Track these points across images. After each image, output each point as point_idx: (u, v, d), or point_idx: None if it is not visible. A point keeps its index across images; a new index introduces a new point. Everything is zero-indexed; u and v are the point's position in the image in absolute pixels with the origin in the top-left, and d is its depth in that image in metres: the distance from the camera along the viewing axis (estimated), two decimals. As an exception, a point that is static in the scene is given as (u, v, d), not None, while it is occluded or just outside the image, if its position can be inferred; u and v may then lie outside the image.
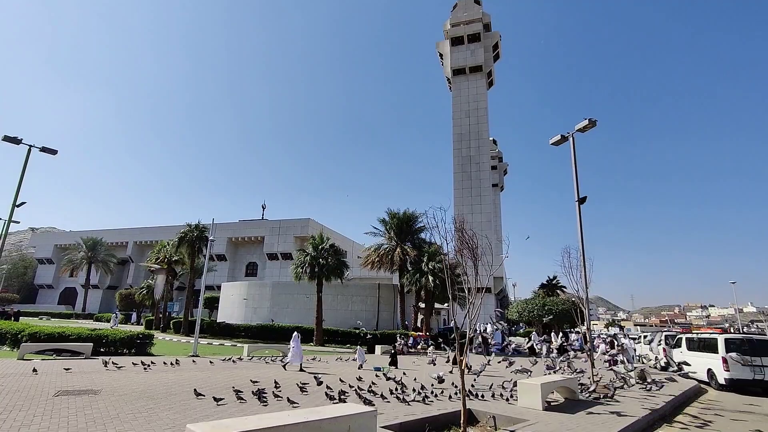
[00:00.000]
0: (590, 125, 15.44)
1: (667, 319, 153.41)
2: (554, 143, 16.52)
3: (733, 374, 13.73)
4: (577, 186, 15.18)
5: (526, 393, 9.51)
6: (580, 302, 14.50)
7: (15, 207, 19.85)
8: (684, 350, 17.42)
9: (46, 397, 8.44)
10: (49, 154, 20.75)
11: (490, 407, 9.06)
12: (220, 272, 61.26)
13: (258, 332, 29.78)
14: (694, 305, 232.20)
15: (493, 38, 57.47)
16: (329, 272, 28.79)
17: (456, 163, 53.51)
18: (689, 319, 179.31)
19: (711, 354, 14.93)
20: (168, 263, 38.57)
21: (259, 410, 8.09)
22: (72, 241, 69.91)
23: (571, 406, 9.65)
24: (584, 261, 13.88)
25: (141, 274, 66.13)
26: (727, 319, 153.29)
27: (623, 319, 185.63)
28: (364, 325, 32.19)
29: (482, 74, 56.08)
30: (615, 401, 10.38)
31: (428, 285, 27.99)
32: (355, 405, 5.80)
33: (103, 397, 8.76)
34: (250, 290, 37.11)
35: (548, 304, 34.00)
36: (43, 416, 6.96)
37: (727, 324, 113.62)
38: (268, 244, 61.21)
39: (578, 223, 14.74)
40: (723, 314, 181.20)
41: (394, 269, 32.62)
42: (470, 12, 57.79)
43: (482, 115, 54.55)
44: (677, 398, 11.46)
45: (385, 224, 33.69)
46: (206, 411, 7.90)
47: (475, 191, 51.63)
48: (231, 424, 4.40)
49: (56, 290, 75.15)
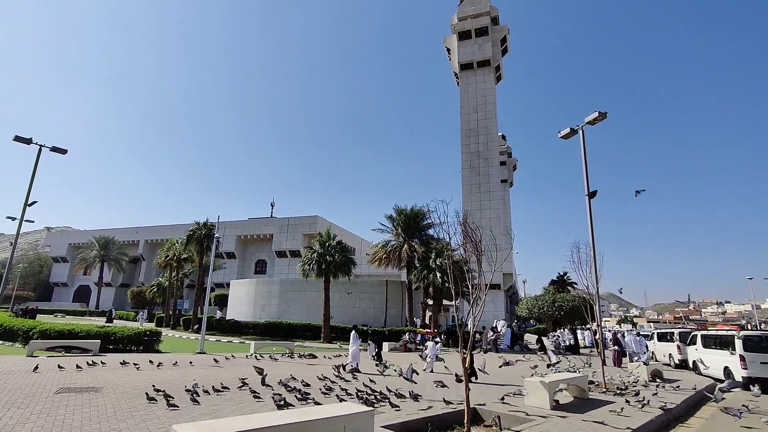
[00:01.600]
0: (600, 117, 14.99)
1: (681, 316, 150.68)
2: (564, 136, 16.09)
3: (751, 372, 13.26)
4: (587, 180, 14.77)
5: (534, 391, 9.23)
6: (591, 299, 14.13)
7: (27, 206, 20.13)
8: (699, 347, 16.93)
9: (47, 395, 8.42)
10: (59, 153, 21.01)
11: (496, 406, 8.81)
12: (229, 270, 61.69)
13: (266, 329, 29.86)
14: (709, 301, 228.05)
15: (501, 32, 56.62)
16: (336, 269, 28.69)
17: (464, 159, 52.92)
18: (704, 316, 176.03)
19: (728, 352, 14.45)
20: (177, 261, 38.91)
21: (258, 408, 7.96)
22: (85, 240, 71.04)
23: (580, 406, 9.35)
24: (594, 255, 13.49)
25: (152, 272, 66.95)
26: (744, 315, 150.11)
27: (636, 315, 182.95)
28: (372, 322, 32.08)
29: (490, 69, 55.31)
30: (626, 401, 10.04)
31: (436, 281, 27.72)
32: (352, 404, 5.62)
33: (103, 394, 8.71)
34: (259, 288, 37.22)
35: (558, 301, 33.43)
36: (40, 414, 6.91)
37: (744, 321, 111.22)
38: (277, 242, 61.43)
39: (588, 217, 14.35)
40: (740, 311, 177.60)
41: (401, 266, 32.39)
42: (478, 5, 57.00)
43: (490, 110, 53.83)
44: (692, 398, 11.06)
45: (392, 221, 33.45)
46: (206, 409, 7.79)
47: (483, 187, 51.02)
48: (218, 425, 4.24)
49: (71, 288, 76.55)
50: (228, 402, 8.49)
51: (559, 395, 10.17)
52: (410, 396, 9.29)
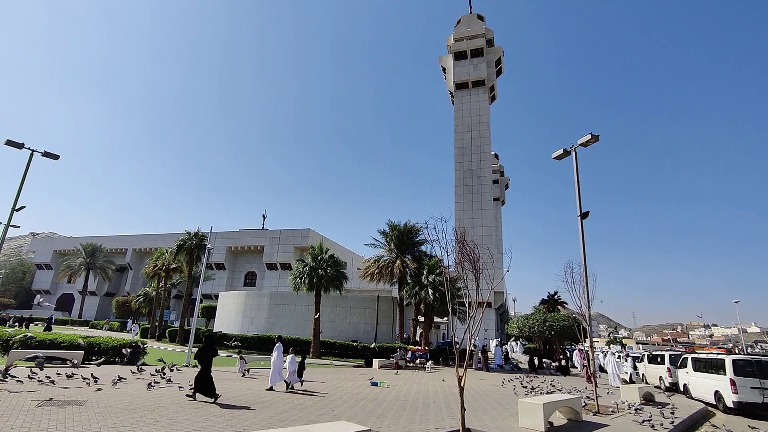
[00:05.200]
0: (593, 140, 15.27)
1: (670, 338, 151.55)
2: (556, 157, 16.35)
3: (741, 397, 13.28)
4: (579, 200, 14.97)
5: (528, 412, 9.14)
6: (583, 318, 14.15)
7: (14, 211, 19.74)
8: (690, 371, 16.97)
9: (28, 408, 8.11)
10: (51, 159, 20.75)
11: (490, 426, 8.70)
12: (218, 281, 60.83)
13: (254, 343, 29.30)
14: (696, 324, 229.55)
15: (495, 53, 58.01)
16: (328, 283, 28.42)
17: (457, 176, 53.47)
18: (692, 338, 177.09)
19: (718, 375, 14.49)
20: (166, 271, 38.26)
21: (250, 425, 7.75)
22: (71, 246, 69.69)
23: (574, 428, 9.27)
24: (586, 276, 13.58)
25: (139, 282, 65.71)
26: (730, 338, 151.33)
27: (624, 336, 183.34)
28: (363, 337, 31.69)
29: (485, 88, 56.46)
30: (619, 424, 9.98)
31: (428, 298, 27.58)
32: (348, 423, 5.50)
33: (87, 408, 8.42)
34: (248, 300, 36.67)
35: (549, 320, 33.41)
36: (20, 430, 6.64)
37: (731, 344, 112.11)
38: (268, 254, 60.87)
39: (581, 237, 14.48)
40: (726, 334, 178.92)
41: (393, 281, 32.23)
42: (473, 27, 58.50)
43: (484, 129, 54.72)
44: (684, 422, 11.04)
45: (385, 236, 33.40)
46: (193, 426, 7.57)
47: (476, 205, 51.46)
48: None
49: (53, 296, 74.65)
50: (217, 418, 8.26)
51: (553, 417, 10.08)
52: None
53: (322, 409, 9.93)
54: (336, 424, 5.53)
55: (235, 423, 7.94)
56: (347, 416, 9.07)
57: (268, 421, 8.29)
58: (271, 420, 8.39)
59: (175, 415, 8.33)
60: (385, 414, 9.75)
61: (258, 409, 9.52)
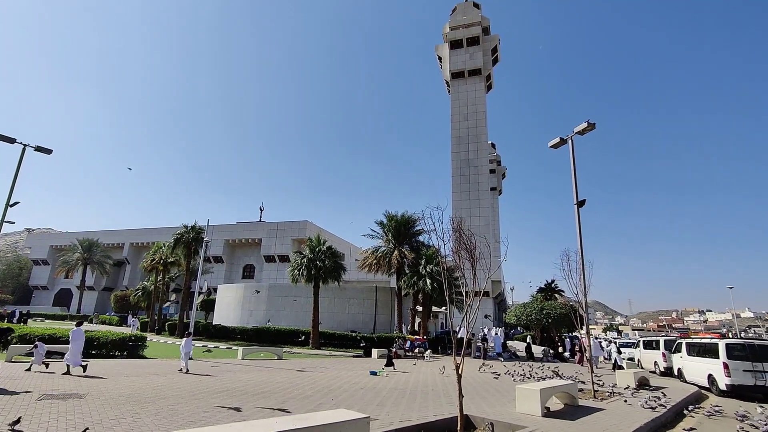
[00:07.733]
0: (589, 128, 15.27)
1: (665, 324, 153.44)
2: (553, 146, 16.35)
3: (734, 380, 13.51)
4: (576, 189, 15.01)
5: (525, 398, 9.26)
6: (579, 306, 14.29)
7: (9, 206, 19.58)
8: (684, 355, 17.21)
9: (29, 402, 8.16)
10: (44, 153, 20.53)
11: (488, 413, 8.82)
12: (216, 274, 60.85)
13: (254, 335, 29.46)
14: (691, 310, 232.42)
15: (492, 42, 57.51)
16: (326, 274, 28.49)
17: (454, 166, 53.38)
18: (687, 324, 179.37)
19: (712, 359, 14.72)
20: (164, 265, 38.23)
21: (250, 416, 7.83)
22: (68, 242, 69.36)
23: (571, 413, 9.42)
24: (583, 263, 13.67)
25: (137, 276, 65.69)
26: (724, 324, 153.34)
27: (621, 323, 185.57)
28: (362, 328, 31.90)
29: (481, 77, 56.08)
30: (615, 408, 10.14)
31: (426, 288, 27.74)
32: (347, 411, 5.56)
33: (88, 401, 8.47)
34: (247, 292, 36.77)
35: (546, 308, 33.72)
36: (21, 424, 6.68)
37: (725, 329, 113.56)
38: (266, 246, 60.87)
39: (577, 226, 14.54)
40: (720, 319, 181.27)
41: (391, 272, 32.36)
42: (469, 15, 57.86)
43: (481, 118, 54.48)
44: (678, 405, 11.23)
45: (383, 227, 33.45)
46: (195, 416, 7.64)
47: (473, 194, 51.46)
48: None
49: (51, 291, 74.56)
50: (218, 408, 8.34)
51: (550, 402, 10.23)
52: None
53: (322, 398, 10.03)
54: (335, 411, 5.60)
55: (235, 412, 8.02)
56: (347, 405, 9.18)
57: (269, 410, 8.38)
58: (272, 409, 8.47)
59: (175, 406, 8.41)
60: (384, 402, 9.86)
61: (267, 397, 9.60)
